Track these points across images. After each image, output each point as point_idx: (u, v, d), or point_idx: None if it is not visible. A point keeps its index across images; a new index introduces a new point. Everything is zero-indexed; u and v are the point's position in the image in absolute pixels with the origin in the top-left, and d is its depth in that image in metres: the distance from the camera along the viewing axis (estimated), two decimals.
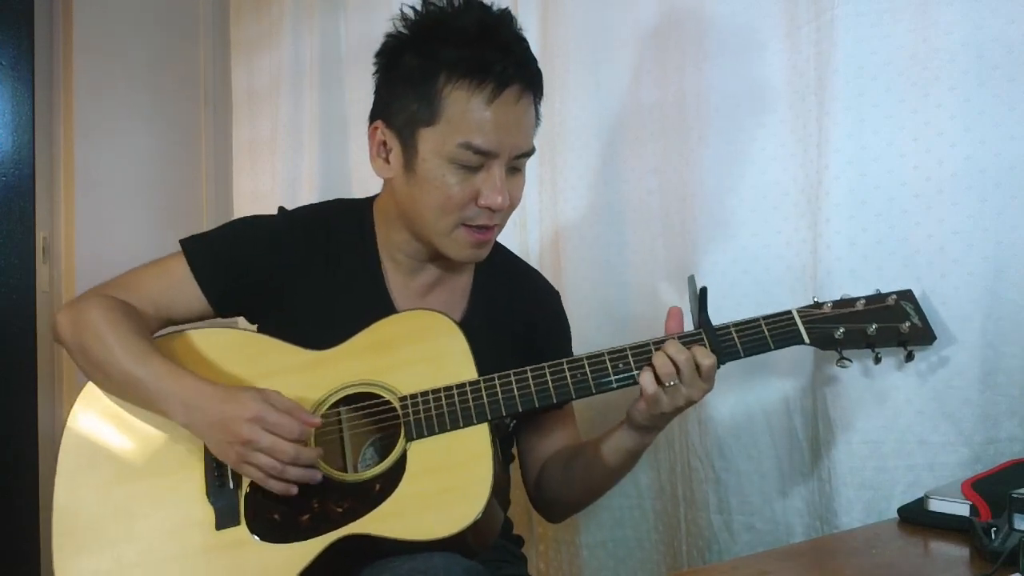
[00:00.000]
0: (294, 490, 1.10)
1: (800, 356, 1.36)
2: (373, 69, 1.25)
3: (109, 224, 2.54)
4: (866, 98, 1.27)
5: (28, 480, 2.32)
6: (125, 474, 1.17)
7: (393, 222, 1.26)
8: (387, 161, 1.22)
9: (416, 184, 1.18)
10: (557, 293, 1.41)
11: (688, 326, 1.18)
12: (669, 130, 1.55)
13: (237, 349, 1.22)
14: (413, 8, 1.20)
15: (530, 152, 1.21)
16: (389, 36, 1.22)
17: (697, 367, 1.11)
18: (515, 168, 1.20)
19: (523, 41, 1.20)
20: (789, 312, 1.17)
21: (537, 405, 1.15)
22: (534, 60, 1.20)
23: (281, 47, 2.36)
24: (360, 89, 2.13)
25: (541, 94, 1.23)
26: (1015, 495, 0.91)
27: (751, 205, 1.43)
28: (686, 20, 1.50)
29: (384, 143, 1.21)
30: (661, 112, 1.56)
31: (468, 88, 1.14)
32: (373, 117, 1.24)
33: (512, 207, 1.21)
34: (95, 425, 1.21)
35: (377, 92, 1.24)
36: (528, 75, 1.18)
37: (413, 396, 1.15)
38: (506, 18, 1.19)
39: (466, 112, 1.14)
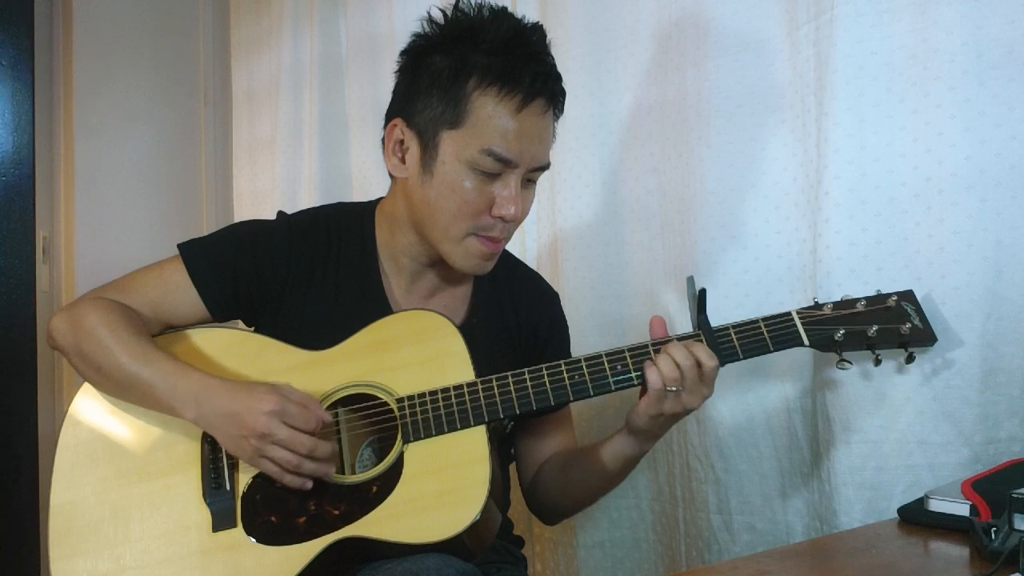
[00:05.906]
0: (309, 484, 1.10)
1: (799, 356, 1.36)
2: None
3: (109, 224, 2.54)
4: (866, 98, 1.27)
5: (28, 480, 2.32)
6: (122, 474, 1.17)
7: (400, 224, 1.25)
8: (402, 160, 1.20)
9: (432, 186, 1.17)
10: (556, 295, 1.41)
11: (687, 327, 1.18)
12: (668, 130, 1.54)
13: (235, 349, 1.22)
14: (443, 11, 1.19)
15: (546, 167, 1.21)
16: (417, 35, 1.21)
17: (699, 367, 1.10)
18: (529, 180, 1.20)
19: (552, 57, 1.19)
20: (789, 313, 1.17)
21: (535, 407, 1.14)
22: (561, 78, 1.20)
23: (281, 47, 2.36)
24: (360, 89, 2.13)
25: (561, 113, 1.22)
26: (1015, 495, 0.91)
27: (751, 205, 1.43)
28: (686, 20, 1.50)
29: (401, 142, 1.20)
30: (661, 112, 1.56)
31: (497, 95, 1.13)
32: (391, 115, 1.22)
33: (520, 220, 1.20)
34: (92, 424, 1.20)
35: (397, 90, 1.23)
36: (555, 91, 1.18)
37: (411, 398, 1.14)
38: (540, 32, 1.18)
39: (492, 118, 1.13)
